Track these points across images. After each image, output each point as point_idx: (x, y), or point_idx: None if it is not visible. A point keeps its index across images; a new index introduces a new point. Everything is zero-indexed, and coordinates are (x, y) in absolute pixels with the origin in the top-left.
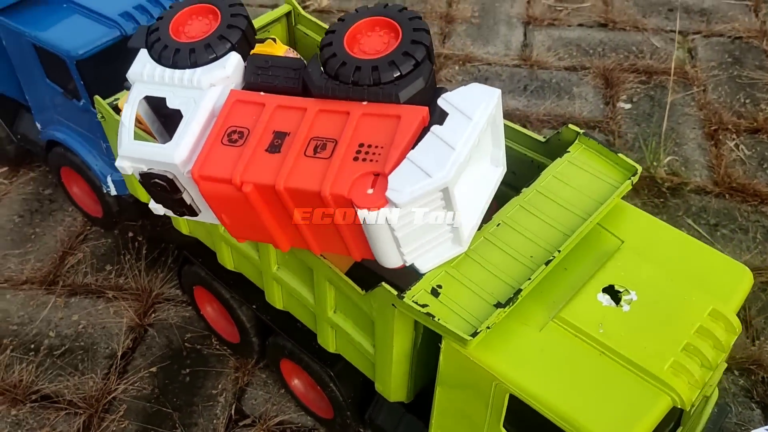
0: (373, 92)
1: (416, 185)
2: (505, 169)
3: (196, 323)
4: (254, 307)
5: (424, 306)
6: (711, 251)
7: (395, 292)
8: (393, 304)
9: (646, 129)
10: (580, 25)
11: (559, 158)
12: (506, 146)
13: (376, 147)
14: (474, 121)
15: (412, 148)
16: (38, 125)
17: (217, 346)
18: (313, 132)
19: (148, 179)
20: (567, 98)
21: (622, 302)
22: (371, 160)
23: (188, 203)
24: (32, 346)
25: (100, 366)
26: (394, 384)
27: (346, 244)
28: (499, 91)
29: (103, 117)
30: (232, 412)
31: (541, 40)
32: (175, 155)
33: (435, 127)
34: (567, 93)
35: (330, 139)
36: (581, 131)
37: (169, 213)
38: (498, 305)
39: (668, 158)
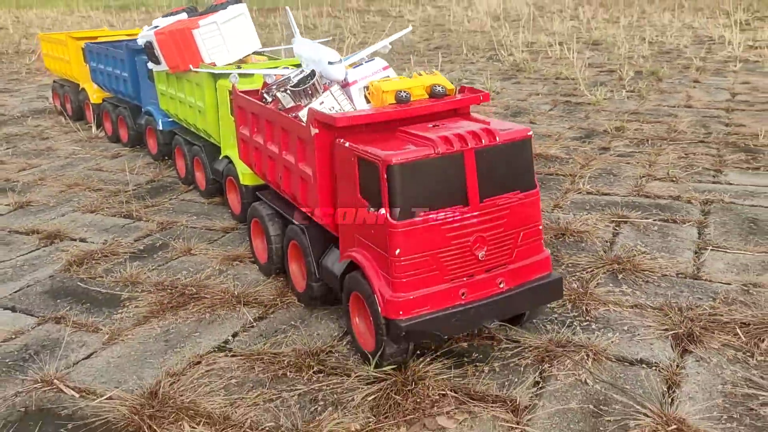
0: (219, 10)
1: (207, 21)
2: (260, 46)
3: (199, 192)
4: (200, 144)
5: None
6: None
7: (201, 68)
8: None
9: None
10: None
11: None
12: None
13: (208, 20)
14: (228, 10)
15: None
16: (143, 109)
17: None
18: (194, 23)
19: (146, 45)
20: None
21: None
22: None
23: (157, 56)
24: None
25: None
26: (211, 130)
27: (195, 59)
28: (244, 4)
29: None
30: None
31: None
32: (154, 33)
33: (221, 11)
34: None
35: (199, 21)
36: None
37: (155, 67)
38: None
39: None
